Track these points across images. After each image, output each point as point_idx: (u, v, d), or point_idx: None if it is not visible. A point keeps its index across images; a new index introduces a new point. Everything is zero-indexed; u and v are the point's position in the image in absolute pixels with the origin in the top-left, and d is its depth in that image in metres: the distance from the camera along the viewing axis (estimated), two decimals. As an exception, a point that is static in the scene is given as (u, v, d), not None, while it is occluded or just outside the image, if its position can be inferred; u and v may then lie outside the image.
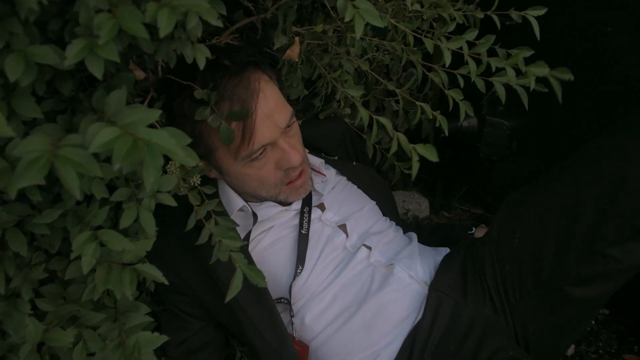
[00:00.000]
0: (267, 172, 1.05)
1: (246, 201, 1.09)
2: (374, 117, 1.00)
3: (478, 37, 1.08)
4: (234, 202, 1.08)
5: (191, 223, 0.94)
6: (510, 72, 1.03)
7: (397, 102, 1.44)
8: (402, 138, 0.90)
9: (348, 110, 1.27)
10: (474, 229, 1.33)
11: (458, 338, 0.96)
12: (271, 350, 1.01)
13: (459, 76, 1.16)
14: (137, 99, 0.99)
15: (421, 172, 2.02)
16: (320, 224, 1.13)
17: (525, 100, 1.05)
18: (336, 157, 1.27)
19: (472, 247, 1.09)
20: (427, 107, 0.95)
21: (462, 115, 1.09)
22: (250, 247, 1.08)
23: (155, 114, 0.62)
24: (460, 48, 1.05)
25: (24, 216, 0.83)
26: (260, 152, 1.01)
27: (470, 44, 1.06)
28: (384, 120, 0.92)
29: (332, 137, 1.28)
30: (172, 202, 0.87)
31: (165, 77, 0.99)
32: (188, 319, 1.09)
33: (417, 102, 0.98)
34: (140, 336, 0.81)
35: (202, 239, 0.93)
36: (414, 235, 1.22)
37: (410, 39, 1.06)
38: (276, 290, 1.07)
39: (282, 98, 1.04)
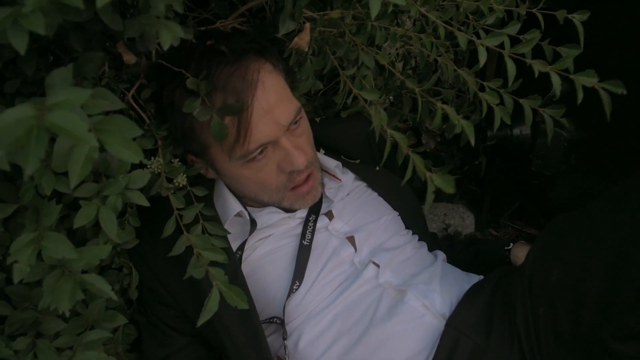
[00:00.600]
0: (267, 175, 0.93)
1: (245, 205, 0.97)
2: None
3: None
4: (231, 206, 0.96)
5: (168, 230, 0.83)
6: (555, 80, 0.85)
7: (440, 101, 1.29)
8: (417, 160, 0.74)
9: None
10: (511, 244, 1.14)
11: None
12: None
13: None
14: (123, 85, 0.88)
15: (468, 183, 1.85)
16: (327, 234, 0.99)
17: (607, 108, 0.86)
18: (357, 161, 1.12)
19: (505, 277, 0.91)
20: (449, 110, 0.78)
21: (497, 123, 0.91)
22: (244, 256, 0.96)
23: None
24: (499, 46, 0.88)
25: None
26: (258, 151, 0.88)
27: (513, 42, 0.88)
28: (398, 136, 0.77)
29: (355, 139, 1.13)
30: (144, 202, 0.76)
31: (157, 62, 0.88)
32: (173, 334, 0.98)
33: (438, 104, 0.81)
34: (88, 356, 0.70)
35: (177, 249, 0.81)
36: (440, 255, 1.06)
37: (442, 32, 0.89)
38: (268, 307, 0.94)
39: (288, 91, 0.91)
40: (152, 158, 0.86)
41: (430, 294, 0.92)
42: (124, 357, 0.97)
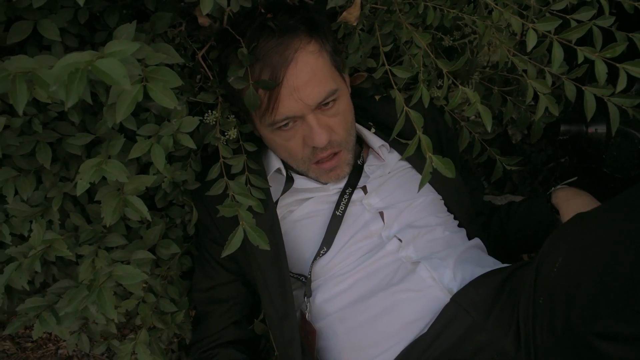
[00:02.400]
0: (294, 145, 0.99)
1: (287, 168, 1.07)
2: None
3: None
4: (273, 162, 1.06)
5: (213, 174, 0.95)
6: (602, 68, 0.82)
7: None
8: (423, 139, 0.78)
9: (437, 92, 1.14)
10: (552, 188, 1.12)
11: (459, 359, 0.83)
12: (276, 320, 0.98)
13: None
14: (196, 45, 1.01)
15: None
16: (361, 207, 1.05)
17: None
18: (409, 141, 1.15)
19: (522, 267, 0.92)
20: (470, 93, 0.80)
21: (539, 112, 0.91)
22: (280, 213, 1.05)
23: (133, 47, 0.63)
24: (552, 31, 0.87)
25: (62, 135, 0.91)
26: (285, 123, 0.96)
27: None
28: (414, 114, 0.81)
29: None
30: (192, 144, 0.88)
31: (224, 27, 0.99)
32: (219, 269, 1.11)
33: (461, 86, 0.83)
34: (122, 268, 0.83)
35: (215, 190, 0.93)
36: (476, 241, 1.07)
37: (496, 15, 0.91)
38: (297, 265, 1.03)
39: (324, 73, 0.95)
40: (210, 112, 0.98)
41: (442, 268, 0.95)
42: (177, 281, 1.13)
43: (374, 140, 1.10)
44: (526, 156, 1.76)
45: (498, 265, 1.01)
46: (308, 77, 0.92)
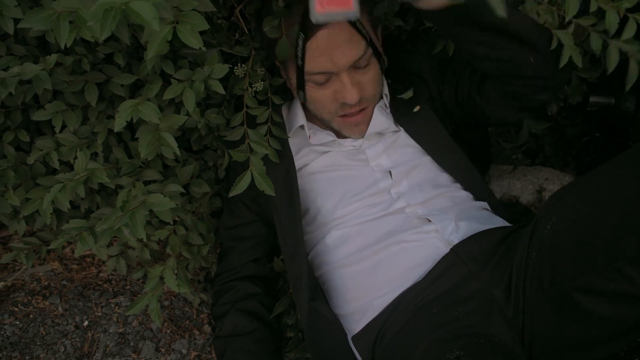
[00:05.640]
0: (324, 97, 1.04)
1: (311, 121, 1.13)
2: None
3: None
4: (297, 118, 1.12)
5: (236, 121, 1.03)
6: (613, 18, 0.82)
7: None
8: None
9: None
10: None
11: (449, 304, 0.89)
12: (288, 257, 1.07)
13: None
14: (235, -1, 1.07)
15: (586, 154, 1.76)
16: (370, 167, 1.10)
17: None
18: (417, 108, 1.12)
19: (523, 226, 0.96)
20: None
21: (563, 60, 0.90)
22: (297, 165, 1.12)
23: None
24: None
25: (109, 77, 1.00)
26: (318, 76, 1.00)
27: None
28: None
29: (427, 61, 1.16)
30: (221, 90, 0.95)
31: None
32: (244, 209, 1.20)
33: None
34: (154, 197, 0.93)
35: (233, 136, 1.01)
36: (482, 203, 1.10)
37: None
38: (309, 213, 1.12)
39: (356, 36, 0.96)
40: (239, 65, 1.05)
41: (445, 221, 1.00)
42: (206, 218, 1.23)
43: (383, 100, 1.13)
44: (561, 128, 1.75)
45: (503, 224, 1.05)
46: (342, 40, 0.95)
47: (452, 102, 1.13)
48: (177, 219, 1.18)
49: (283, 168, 1.07)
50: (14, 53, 0.97)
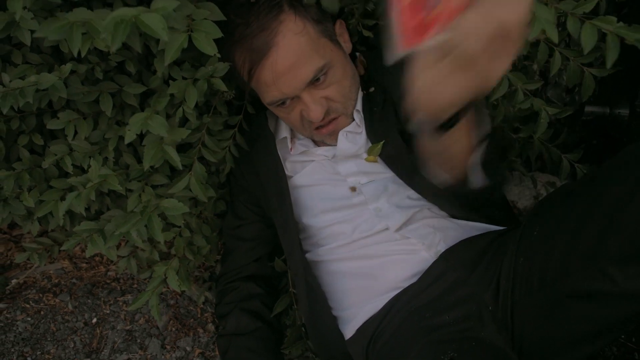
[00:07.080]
0: (292, 118, 1.04)
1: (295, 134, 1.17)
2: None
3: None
4: (282, 130, 1.16)
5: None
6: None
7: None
8: None
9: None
10: None
11: (440, 309, 0.93)
12: (287, 256, 1.13)
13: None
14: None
15: (583, 162, 1.78)
16: (346, 182, 1.11)
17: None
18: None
19: (511, 230, 1.00)
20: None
21: (534, 32, 0.87)
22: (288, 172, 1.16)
23: (173, 4, 0.74)
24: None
25: (121, 87, 1.04)
26: (280, 102, 0.99)
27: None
28: None
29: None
30: (223, 87, 0.97)
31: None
32: (246, 210, 1.24)
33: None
34: (168, 201, 0.97)
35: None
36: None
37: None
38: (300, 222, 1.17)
39: (309, 50, 0.92)
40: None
41: (430, 235, 1.03)
42: (211, 220, 1.27)
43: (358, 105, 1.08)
44: (557, 133, 1.78)
45: (489, 228, 1.07)
46: (292, 62, 0.92)
47: None
48: (183, 221, 1.23)
49: (272, 169, 1.13)
50: (29, 61, 1.01)
